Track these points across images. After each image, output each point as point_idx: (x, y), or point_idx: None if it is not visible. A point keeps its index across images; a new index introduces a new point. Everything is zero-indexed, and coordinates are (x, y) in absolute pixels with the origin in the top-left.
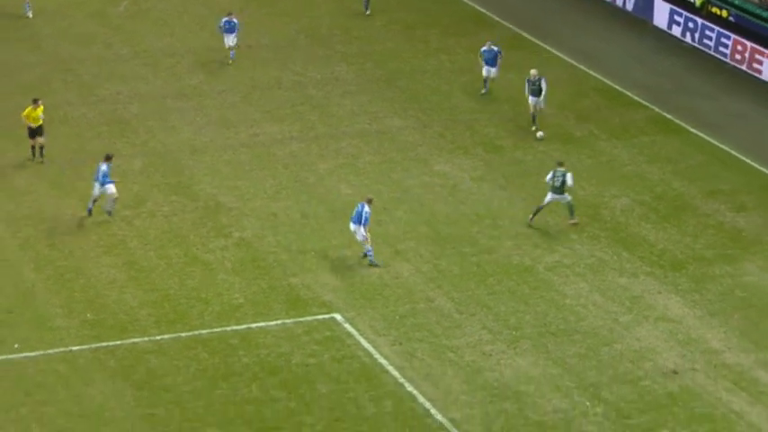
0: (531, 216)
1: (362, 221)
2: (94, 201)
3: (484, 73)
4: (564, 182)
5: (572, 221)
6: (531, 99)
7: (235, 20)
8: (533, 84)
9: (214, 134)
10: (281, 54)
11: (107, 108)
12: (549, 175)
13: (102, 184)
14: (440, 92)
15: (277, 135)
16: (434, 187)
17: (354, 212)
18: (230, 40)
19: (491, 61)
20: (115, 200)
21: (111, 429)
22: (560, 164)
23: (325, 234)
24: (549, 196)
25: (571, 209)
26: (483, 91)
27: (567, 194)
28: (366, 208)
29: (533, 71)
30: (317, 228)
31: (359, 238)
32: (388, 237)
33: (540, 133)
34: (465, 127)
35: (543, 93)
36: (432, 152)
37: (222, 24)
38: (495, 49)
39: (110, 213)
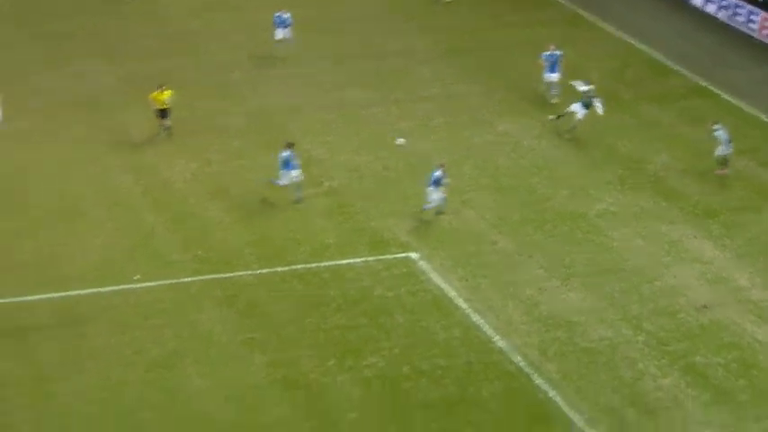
0: (722, 169)
1: (439, 184)
2: (298, 187)
3: (546, 79)
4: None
5: (723, 171)
6: (576, 107)
7: (285, 15)
8: (588, 95)
9: (307, 97)
10: (366, 26)
11: (214, 73)
12: (721, 134)
13: (289, 170)
14: (504, 62)
15: (361, 99)
16: (498, 145)
17: (431, 178)
18: (280, 34)
19: (553, 67)
20: (300, 185)
21: (217, 350)
22: (716, 122)
23: (403, 185)
24: (722, 150)
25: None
26: (554, 100)
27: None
28: (438, 172)
29: (593, 86)
30: (396, 179)
31: (435, 197)
32: (457, 188)
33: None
34: (525, 93)
35: (601, 109)
36: (495, 114)
37: (274, 19)
38: (558, 53)
39: (299, 200)
